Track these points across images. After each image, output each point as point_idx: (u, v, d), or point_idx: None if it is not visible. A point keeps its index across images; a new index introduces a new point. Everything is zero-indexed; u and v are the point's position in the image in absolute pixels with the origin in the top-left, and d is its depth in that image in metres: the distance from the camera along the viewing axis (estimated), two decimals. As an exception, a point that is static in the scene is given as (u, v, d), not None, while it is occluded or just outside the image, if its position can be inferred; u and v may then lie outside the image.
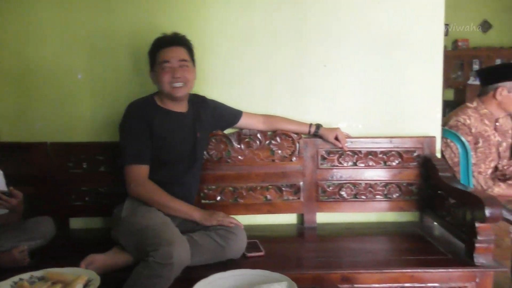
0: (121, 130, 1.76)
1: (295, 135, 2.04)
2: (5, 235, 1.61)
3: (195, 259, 1.54)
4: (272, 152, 2.06)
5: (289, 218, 2.13)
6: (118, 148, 1.77)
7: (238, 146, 2.05)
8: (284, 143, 2.05)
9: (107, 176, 2.02)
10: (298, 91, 2.09)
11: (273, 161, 2.06)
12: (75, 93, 2.06)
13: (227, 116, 1.98)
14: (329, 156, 2.06)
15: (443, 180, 1.86)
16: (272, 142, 2.05)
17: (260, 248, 1.73)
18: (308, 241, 1.96)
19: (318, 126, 2.01)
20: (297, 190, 2.06)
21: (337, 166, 2.07)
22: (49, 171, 2.00)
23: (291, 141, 2.05)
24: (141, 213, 1.63)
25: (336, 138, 1.99)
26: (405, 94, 2.10)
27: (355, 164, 2.07)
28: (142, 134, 1.71)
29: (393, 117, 2.11)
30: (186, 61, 1.74)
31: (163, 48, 1.72)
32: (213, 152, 2.04)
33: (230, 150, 2.05)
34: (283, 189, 2.06)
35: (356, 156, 2.07)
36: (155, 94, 1.81)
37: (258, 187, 2.06)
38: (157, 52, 1.74)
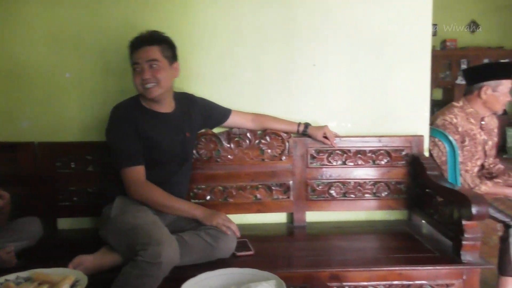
0: (109, 134, 1.74)
1: (285, 135, 2.04)
2: (-9, 236, 1.60)
3: (185, 259, 1.54)
4: (262, 152, 2.06)
5: (279, 217, 2.14)
6: (111, 153, 1.75)
7: (228, 145, 2.05)
8: (274, 142, 2.06)
9: (96, 176, 2.00)
10: (288, 90, 2.10)
11: (263, 160, 2.06)
12: (63, 92, 2.04)
13: (216, 114, 1.98)
14: (318, 155, 2.07)
15: (431, 179, 1.88)
16: (262, 141, 2.06)
17: (249, 247, 1.73)
18: (297, 240, 1.96)
19: (307, 125, 2.02)
20: (286, 189, 2.07)
21: (327, 165, 2.08)
22: (37, 171, 1.98)
23: (280, 141, 2.05)
24: (130, 213, 1.62)
25: (325, 136, 2.00)
26: (393, 93, 2.12)
27: (344, 163, 2.08)
28: (132, 135, 1.70)
29: (382, 116, 2.13)
30: (155, 60, 1.69)
31: (134, 49, 1.71)
32: (203, 152, 2.04)
33: (220, 149, 2.05)
34: (273, 188, 2.07)
35: (345, 155, 2.08)
36: (140, 95, 1.79)
37: (248, 186, 2.06)
38: (130, 55, 1.73)
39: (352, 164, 2.08)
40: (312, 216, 2.10)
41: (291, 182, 2.07)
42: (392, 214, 2.15)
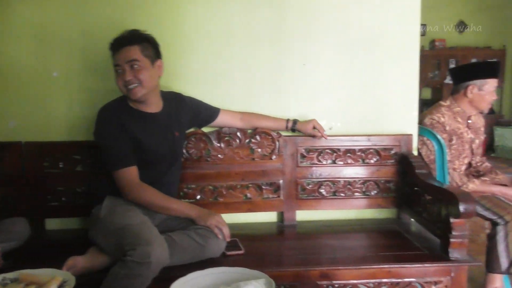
0: (99, 136, 1.72)
1: (275, 134, 2.05)
2: (-22, 237, 1.58)
3: (175, 258, 1.53)
4: (252, 151, 2.06)
5: (269, 216, 2.14)
6: (102, 154, 1.73)
7: (218, 144, 2.04)
8: (264, 142, 2.06)
9: (84, 175, 1.98)
10: (278, 89, 2.10)
11: (253, 159, 2.06)
12: (50, 91, 2.02)
13: (205, 113, 1.97)
14: (308, 154, 2.08)
15: (419, 177, 1.89)
16: (252, 140, 2.06)
17: (240, 246, 1.73)
18: (288, 239, 1.97)
19: (295, 121, 2.03)
20: (277, 188, 2.07)
21: (317, 164, 2.08)
22: (24, 171, 1.96)
23: (271, 140, 2.05)
24: (119, 213, 1.61)
25: (314, 129, 2.01)
26: (382, 92, 2.13)
27: (334, 162, 2.09)
28: (121, 136, 1.68)
29: (371, 115, 2.14)
30: (136, 60, 1.65)
31: (114, 51, 1.68)
32: (193, 151, 2.03)
33: (210, 148, 2.04)
34: (263, 187, 2.07)
35: (335, 154, 2.09)
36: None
37: (238, 186, 2.06)
38: (112, 57, 1.70)
39: (342, 163, 2.09)
40: (302, 215, 2.11)
41: (281, 181, 2.07)
42: (382, 213, 2.16)
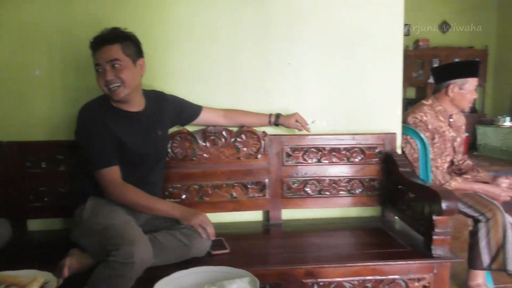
0: (80, 136, 1.69)
1: (261, 133, 2.05)
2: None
3: (159, 258, 1.51)
4: (238, 150, 2.06)
5: (255, 215, 2.14)
6: (84, 154, 1.70)
7: (203, 143, 2.04)
8: (250, 141, 2.06)
9: (67, 175, 1.95)
10: (263, 88, 2.10)
11: (238, 158, 2.06)
12: (32, 90, 1.99)
13: (187, 111, 1.96)
14: (294, 153, 2.09)
15: (403, 175, 1.91)
16: (238, 139, 2.05)
17: (225, 245, 1.72)
18: (273, 238, 1.97)
19: (278, 115, 2.03)
20: (262, 187, 2.07)
21: (302, 163, 2.09)
22: (5, 171, 1.92)
23: (256, 139, 2.05)
24: (103, 213, 1.59)
25: (297, 122, 2.01)
26: (367, 91, 2.15)
27: (319, 160, 2.10)
28: (103, 136, 1.65)
29: (356, 115, 2.16)
30: (117, 60, 1.61)
31: (94, 50, 1.64)
32: (178, 150, 2.02)
33: (195, 148, 2.03)
34: (249, 186, 2.07)
35: (320, 153, 2.10)
36: None
37: (224, 185, 2.06)
38: (92, 56, 1.66)
39: (327, 161, 2.10)
40: (288, 214, 2.11)
41: (266, 180, 2.07)
42: (366, 211, 2.18)
